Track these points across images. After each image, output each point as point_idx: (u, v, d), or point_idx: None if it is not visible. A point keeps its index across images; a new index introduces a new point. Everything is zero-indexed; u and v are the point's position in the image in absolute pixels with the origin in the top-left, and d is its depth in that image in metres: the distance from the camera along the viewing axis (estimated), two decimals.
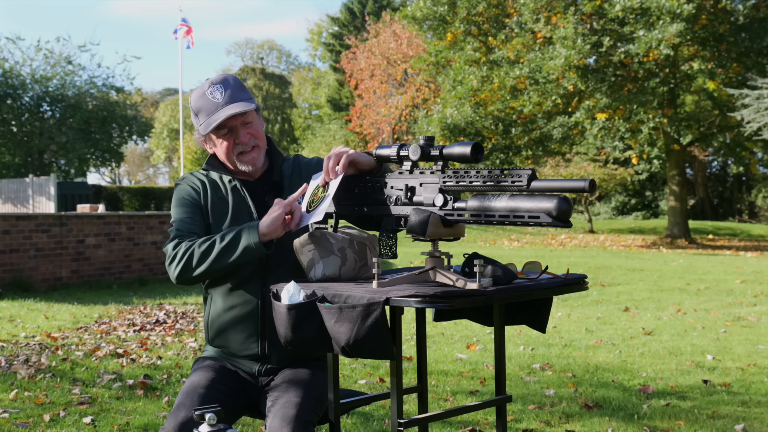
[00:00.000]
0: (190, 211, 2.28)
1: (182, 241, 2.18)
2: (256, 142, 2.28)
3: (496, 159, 21.19)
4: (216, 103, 2.21)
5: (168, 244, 2.19)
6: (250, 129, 2.26)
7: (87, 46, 31.24)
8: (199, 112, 2.24)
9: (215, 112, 2.20)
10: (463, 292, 1.68)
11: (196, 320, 7.12)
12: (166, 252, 2.18)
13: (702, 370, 5.02)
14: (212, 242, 2.13)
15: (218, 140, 2.26)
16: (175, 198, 2.33)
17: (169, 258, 2.17)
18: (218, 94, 2.21)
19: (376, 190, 2.00)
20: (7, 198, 21.13)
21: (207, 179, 2.35)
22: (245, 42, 54.92)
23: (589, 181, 1.59)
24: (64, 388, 4.45)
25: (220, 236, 2.13)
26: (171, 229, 2.28)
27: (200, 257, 2.12)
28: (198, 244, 2.14)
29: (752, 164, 23.69)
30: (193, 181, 2.34)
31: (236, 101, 2.21)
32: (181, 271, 2.14)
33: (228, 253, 2.11)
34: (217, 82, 2.23)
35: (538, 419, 3.85)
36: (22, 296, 8.89)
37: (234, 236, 2.11)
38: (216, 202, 2.30)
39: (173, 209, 2.31)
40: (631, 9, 18.06)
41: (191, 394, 2.14)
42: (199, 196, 2.31)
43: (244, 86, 2.27)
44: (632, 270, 12.37)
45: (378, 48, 30.77)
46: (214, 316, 2.32)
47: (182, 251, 2.14)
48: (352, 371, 4.92)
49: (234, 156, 2.27)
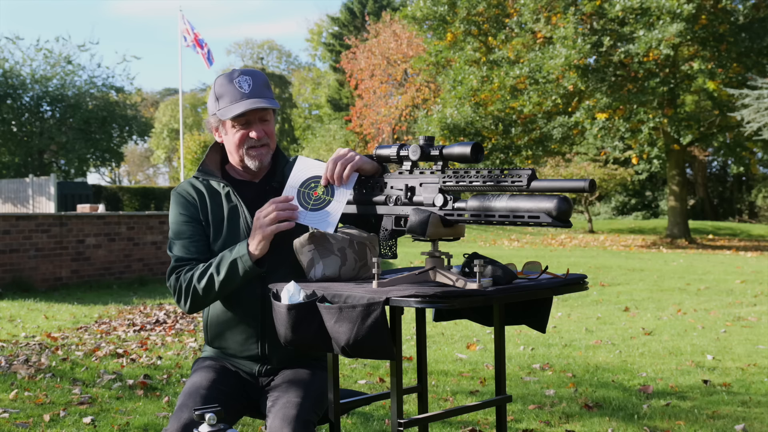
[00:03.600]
0: (188, 231, 2.28)
1: (181, 274, 2.21)
2: (268, 141, 2.29)
3: (496, 159, 21.19)
4: (241, 93, 2.22)
5: (170, 277, 2.24)
6: (265, 127, 2.28)
7: (86, 46, 31.22)
8: (221, 97, 2.25)
9: (238, 101, 2.22)
10: (463, 292, 1.68)
11: (196, 320, 7.12)
12: (169, 286, 2.24)
13: (702, 370, 5.02)
14: (210, 277, 2.15)
15: (232, 129, 2.27)
16: (172, 212, 2.33)
17: (175, 294, 2.22)
18: (245, 84, 2.23)
19: (375, 191, 2.00)
20: (7, 198, 21.13)
21: (204, 187, 2.34)
22: (245, 42, 54.96)
23: (589, 181, 1.59)
24: (64, 388, 4.45)
25: (215, 268, 2.14)
26: (170, 249, 2.29)
27: (204, 292, 2.17)
28: (197, 279, 2.17)
29: (752, 164, 23.69)
30: (189, 191, 2.33)
31: (261, 96, 2.24)
32: (191, 307, 2.21)
33: (229, 284, 2.15)
34: (247, 73, 2.26)
35: (538, 419, 3.85)
36: (22, 296, 8.89)
37: (230, 268, 2.13)
38: (215, 210, 2.31)
39: (171, 224, 2.32)
40: (631, 9, 18.05)
41: (193, 395, 2.14)
42: (196, 209, 2.31)
43: (269, 85, 2.30)
44: (632, 270, 12.37)
45: (378, 48, 30.77)
46: (213, 318, 2.31)
47: (185, 288, 2.19)
48: (352, 371, 4.92)
49: (243, 149, 2.27)
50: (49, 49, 26.19)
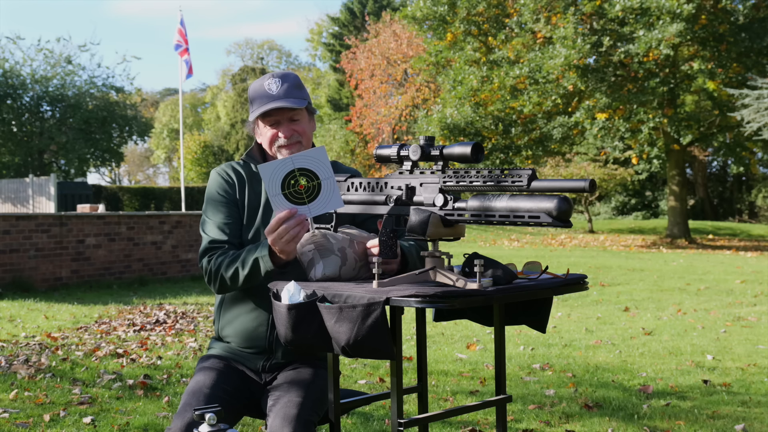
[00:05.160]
0: (224, 211, 2.34)
1: (213, 258, 2.26)
2: (300, 139, 2.34)
3: (496, 159, 21.19)
4: (270, 95, 2.30)
5: (203, 258, 2.29)
6: (296, 126, 2.33)
7: (87, 46, 31.23)
8: (254, 99, 2.34)
9: (266, 103, 2.29)
10: (463, 292, 1.68)
11: (196, 320, 7.12)
12: (200, 266, 2.30)
13: (702, 370, 5.02)
14: (236, 270, 2.19)
15: (264, 129, 2.35)
16: (209, 192, 2.39)
17: (205, 275, 2.29)
18: (274, 86, 2.31)
19: (376, 191, 2.00)
20: (7, 198, 21.13)
21: (244, 171, 2.40)
22: (245, 42, 54.96)
23: (589, 181, 1.59)
24: (64, 388, 4.45)
25: (241, 262, 2.18)
26: (203, 228, 2.34)
27: (231, 282, 2.22)
28: (224, 268, 2.22)
29: (752, 164, 23.69)
30: (229, 173, 2.39)
31: (289, 97, 2.30)
32: (219, 290, 2.28)
33: (253, 279, 2.19)
34: (277, 76, 2.33)
35: (538, 419, 3.85)
36: (22, 296, 8.89)
37: (253, 265, 2.16)
38: (251, 196, 2.37)
39: (206, 204, 2.39)
40: (631, 9, 18.05)
41: (197, 394, 2.15)
42: (233, 189, 2.37)
43: (302, 86, 2.36)
44: (632, 270, 12.37)
45: (378, 48, 30.75)
46: (228, 303, 2.36)
47: (213, 273, 2.25)
48: (352, 371, 4.92)
49: (275, 147, 2.34)
50: (49, 49, 26.21)
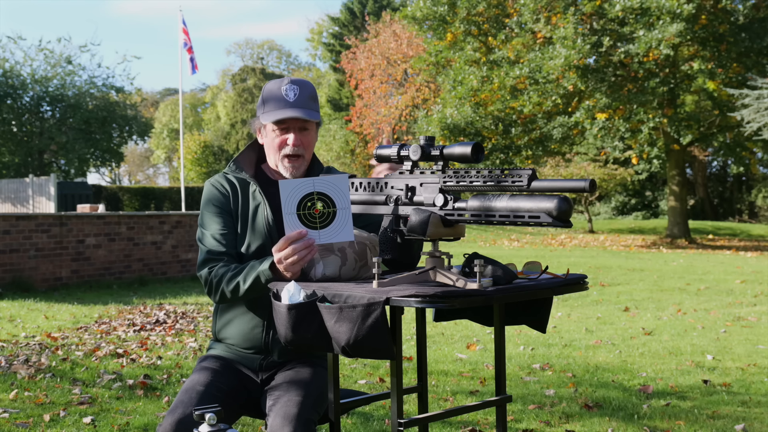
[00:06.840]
0: (220, 222, 2.33)
1: (213, 269, 2.26)
2: (303, 152, 2.33)
3: (496, 159, 21.19)
4: (286, 101, 2.28)
5: (202, 269, 2.28)
6: (303, 136, 2.32)
7: (87, 47, 31.25)
8: (267, 101, 2.32)
9: (281, 108, 2.28)
10: (463, 292, 1.68)
11: (196, 320, 7.12)
12: (200, 276, 2.29)
13: (702, 370, 5.02)
14: (237, 284, 2.19)
15: (272, 133, 2.33)
16: (205, 202, 2.38)
17: (205, 286, 2.28)
18: (292, 93, 2.29)
19: (376, 191, 2.00)
20: (7, 198, 21.13)
21: (237, 181, 2.39)
22: (245, 42, 54.94)
23: (589, 181, 1.59)
24: (64, 388, 4.45)
25: (243, 277, 2.18)
26: (200, 239, 2.33)
27: (231, 295, 2.22)
28: (225, 282, 2.22)
29: (752, 164, 23.68)
30: (223, 184, 2.38)
31: (306, 108, 2.29)
32: (219, 300, 2.28)
33: (254, 292, 2.19)
34: (296, 83, 2.31)
35: (538, 419, 3.85)
36: (22, 296, 8.89)
37: (254, 280, 2.15)
38: (244, 206, 2.36)
39: (203, 215, 2.38)
40: (631, 9, 18.05)
41: (189, 392, 2.15)
42: (228, 200, 2.36)
43: (317, 98, 2.36)
44: (632, 270, 12.37)
45: (378, 48, 30.74)
46: (224, 305, 2.36)
47: (215, 285, 2.24)
48: (352, 371, 4.92)
49: (279, 155, 2.33)
50: (49, 49, 26.21)
